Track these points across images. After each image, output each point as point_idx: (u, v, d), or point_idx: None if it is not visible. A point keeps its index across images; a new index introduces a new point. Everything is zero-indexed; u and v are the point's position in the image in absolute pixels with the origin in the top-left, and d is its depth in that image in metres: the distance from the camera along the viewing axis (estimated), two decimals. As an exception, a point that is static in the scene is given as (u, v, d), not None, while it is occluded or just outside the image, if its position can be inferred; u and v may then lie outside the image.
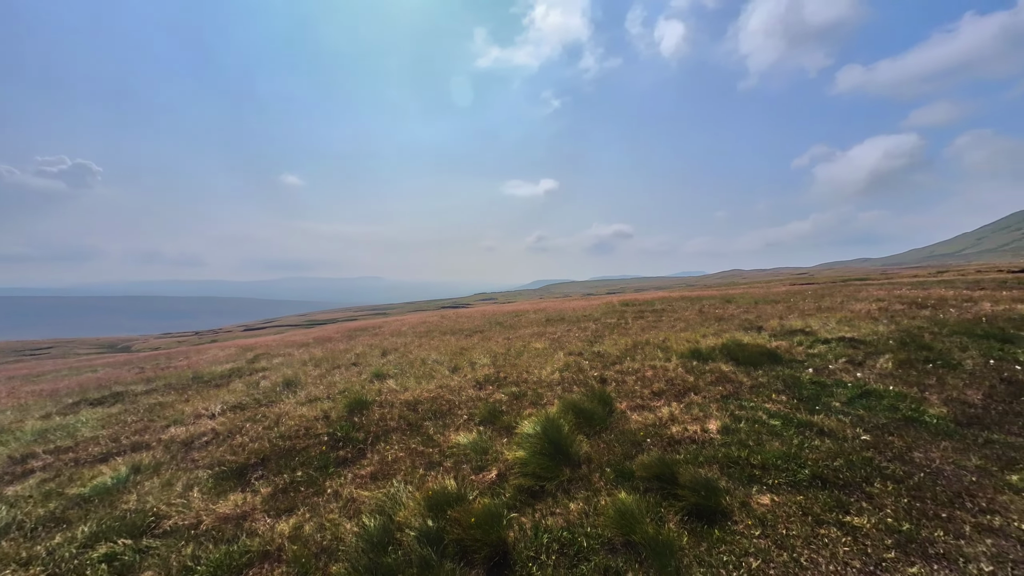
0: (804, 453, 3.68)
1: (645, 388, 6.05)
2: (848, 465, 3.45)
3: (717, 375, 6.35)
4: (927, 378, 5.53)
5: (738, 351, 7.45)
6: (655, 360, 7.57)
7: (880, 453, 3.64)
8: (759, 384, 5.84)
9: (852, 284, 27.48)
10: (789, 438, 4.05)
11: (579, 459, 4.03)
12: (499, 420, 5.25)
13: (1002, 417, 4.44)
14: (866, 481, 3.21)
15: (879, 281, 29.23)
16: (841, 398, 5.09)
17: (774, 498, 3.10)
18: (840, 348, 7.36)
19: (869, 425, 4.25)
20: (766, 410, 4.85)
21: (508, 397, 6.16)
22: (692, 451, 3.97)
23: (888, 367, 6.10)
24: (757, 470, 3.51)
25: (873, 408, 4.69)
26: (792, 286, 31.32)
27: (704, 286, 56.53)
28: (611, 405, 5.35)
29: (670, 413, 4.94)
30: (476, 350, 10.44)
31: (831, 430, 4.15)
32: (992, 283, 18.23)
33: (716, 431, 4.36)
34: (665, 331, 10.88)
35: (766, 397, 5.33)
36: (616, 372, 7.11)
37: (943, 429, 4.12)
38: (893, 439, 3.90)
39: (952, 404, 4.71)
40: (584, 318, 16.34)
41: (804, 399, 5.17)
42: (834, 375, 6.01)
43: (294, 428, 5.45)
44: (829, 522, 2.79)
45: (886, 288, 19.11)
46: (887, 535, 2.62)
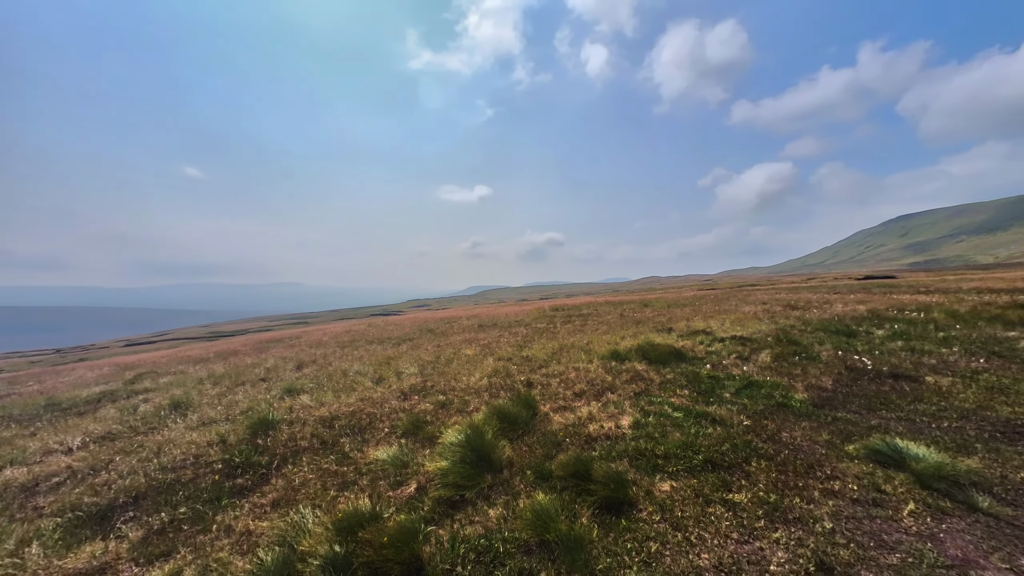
0: (699, 441, 4.11)
1: (568, 389, 6.30)
2: (733, 448, 3.92)
3: (632, 374, 6.85)
4: (795, 369, 6.54)
5: (651, 351, 8.12)
6: (579, 362, 7.94)
7: (757, 436, 4.20)
8: (667, 381, 6.42)
9: (745, 289, 31.64)
10: (688, 428, 4.50)
11: (501, 464, 4.05)
12: (423, 431, 5.08)
13: (846, 398, 5.42)
14: (745, 461, 3.68)
15: (765, 287, 34.03)
16: (730, 389, 5.80)
17: (673, 484, 3.41)
18: (732, 345, 8.40)
19: (750, 412, 4.89)
20: (671, 404, 5.34)
21: (434, 406, 6.00)
22: (606, 447, 4.22)
23: (767, 361, 7.10)
24: (660, 460, 3.83)
25: (754, 397, 5.42)
26: (699, 291, 35.19)
27: (627, 291, 60.94)
28: (535, 408, 5.49)
29: (589, 412, 5.21)
30: (404, 359, 10.05)
31: (721, 418, 4.69)
32: (845, 288, 22.25)
33: (628, 426, 4.69)
34: (589, 334, 11.50)
35: (672, 392, 5.87)
36: (542, 375, 7.32)
37: (804, 411, 4.90)
38: (767, 423, 4.53)
39: (811, 390, 5.62)
40: (516, 323, 16.63)
41: (702, 392, 5.80)
42: (726, 369, 6.84)
43: (180, 458, 4.72)
44: (716, 501, 3.14)
45: (769, 293, 22.35)
46: (759, 507, 3.03)
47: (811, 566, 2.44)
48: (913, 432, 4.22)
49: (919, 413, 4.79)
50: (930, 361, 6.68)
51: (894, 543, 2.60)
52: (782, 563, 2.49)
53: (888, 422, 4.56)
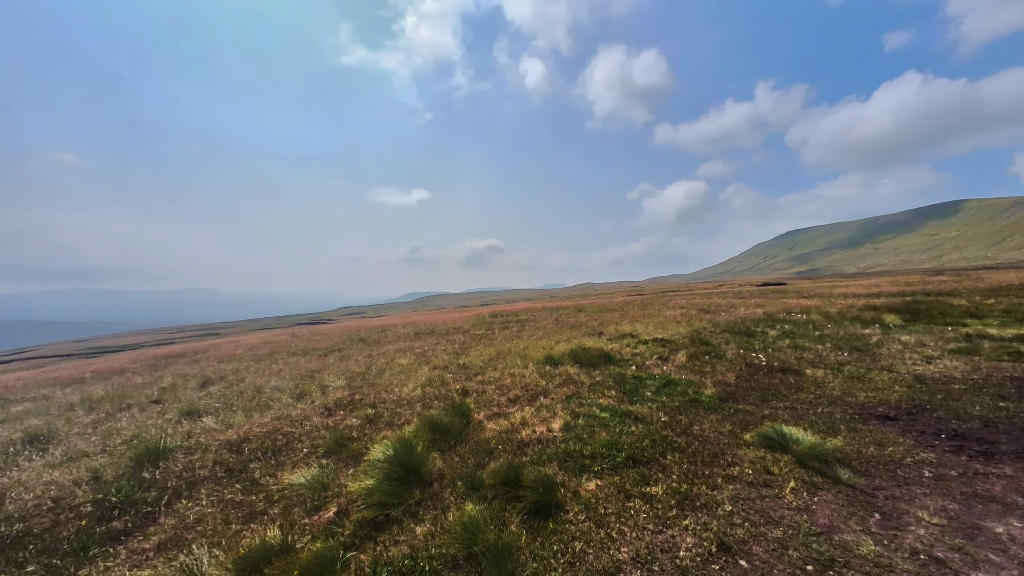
0: (623, 439, 4.36)
1: (503, 396, 6.32)
2: (652, 444, 4.22)
3: (565, 377, 7.08)
4: (705, 367, 7.25)
5: (583, 355, 8.48)
6: (515, 368, 8.02)
7: (673, 430, 4.56)
8: (596, 383, 6.73)
9: (667, 295, 34.52)
10: (614, 428, 4.74)
11: (431, 478, 3.92)
12: (347, 448, 4.75)
13: (746, 391, 6.12)
14: (662, 455, 3.97)
15: (684, 293, 37.45)
16: (652, 388, 6.26)
17: (598, 483, 3.56)
18: (654, 347, 9.09)
19: (668, 409, 5.31)
20: (599, 405, 5.60)
21: (361, 421, 5.65)
22: (537, 451, 4.29)
23: (683, 360, 7.78)
24: (588, 460, 3.99)
25: (671, 394, 5.90)
26: (628, 297, 37.70)
27: (563, 297, 63.21)
28: (469, 417, 5.42)
29: (522, 418, 5.27)
30: (330, 371, 9.37)
31: (643, 416, 5.03)
32: (747, 293, 25.27)
33: (559, 429, 4.83)
34: (526, 340, 11.70)
35: (600, 393, 6.17)
36: (478, 383, 7.27)
37: (712, 405, 5.43)
38: (682, 418, 4.95)
39: (718, 385, 6.26)
40: (454, 330, 16.39)
41: (627, 392, 6.17)
42: (649, 370, 7.36)
43: (33, 504, 3.88)
44: (635, 495, 3.34)
45: (687, 298, 24.66)
46: (672, 497, 3.28)
47: (713, 547, 2.69)
48: (795, 418, 4.88)
49: (800, 401, 5.56)
50: (809, 356, 7.82)
51: (779, 518, 2.97)
52: (690, 548, 2.71)
53: (777, 411, 5.23)
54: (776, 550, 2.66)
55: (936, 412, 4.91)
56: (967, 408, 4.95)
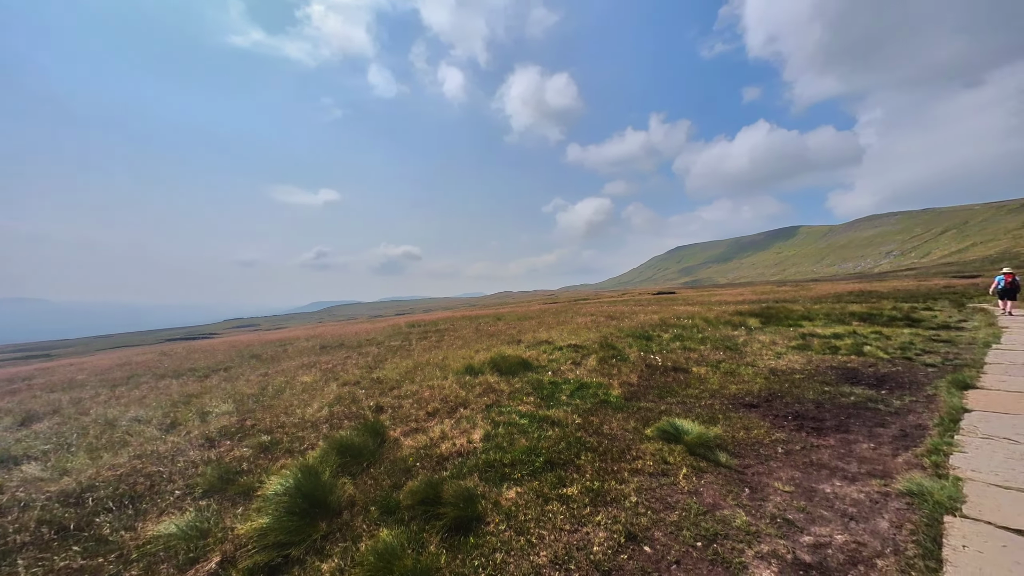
0: (541, 444, 4.50)
1: (421, 410, 6.09)
2: (567, 446, 4.43)
3: (485, 387, 7.09)
4: (612, 369, 7.90)
5: (502, 363, 8.59)
6: (434, 380, 7.79)
7: (586, 431, 4.86)
8: (515, 390, 6.87)
9: (579, 303, 36.93)
10: (533, 433, 4.88)
11: (341, 506, 3.58)
12: (235, 484, 4.10)
13: (646, 390, 6.80)
14: (577, 456, 4.19)
15: (593, 301, 40.44)
16: (567, 392, 6.60)
17: (518, 490, 3.62)
18: (568, 353, 9.62)
19: (581, 411, 5.65)
20: (519, 412, 5.72)
21: (254, 450, 4.94)
22: (458, 464, 4.20)
23: (594, 364, 8.37)
24: (508, 468, 4.03)
25: (584, 397, 6.29)
26: (544, 305, 39.46)
27: (483, 306, 63.60)
28: (384, 434, 5.10)
29: (442, 431, 5.12)
30: (213, 395, 8.04)
31: (559, 420, 5.26)
32: (646, 301, 28.26)
33: (480, 440, 4.80)
34: (445, 350, 11.47)
35: (520, 400, 6.31)
36: (394, 397, 6.90)
37: (619, 405, 5.93)
38: (593, 419, 5.31)
39: (624, 386, 6.86)
40: (367, 342, 15.36)
41: (544, 397, 6.41)
42: (564, 374, 7.76)
43: None
44: (553, 498, 3.46)
45: (596, 306, 26.71)
46: (586, 495, 3.47)
47: (622, 538, 2.91)
48: (685, 411, 5.58)
49: (689, 396, 6.36)
50: (694, 356, 9.03)
51: (674, 503, 3.34)
52: (602, 542, 2.89)
53: (671, 406, 5.91)
54: (673, 532, 2.98)
55: (785, 398, 6.03)
56: (805, 393, 6.17)
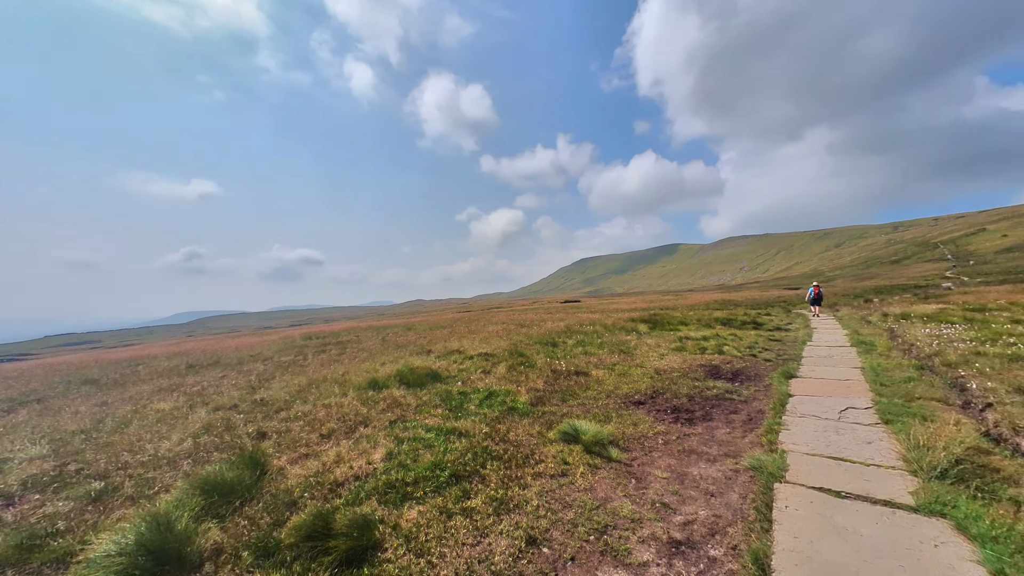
0: (447, 457, 4.39)
1: (314, 432, 5.49)
2: (474, 457, 4.40)
3: (390, 401, 6.70)
4: (521, 376, 8.13)
5: (410, 375, 8.23)
6: (331, 397, 7.11)
7: (493, 440, 4.89)
8: (423, 403, 6.63)
9: (492, 311, 37.45)
10: (439, 447, 4.74)
11: (202, 556, 3.01)
12: (43, 551, 3.16)
13: (551, 394, 7.13)
14: (483, 466, 4.19)
15: (506, 309, 41.39)
16: (475, 401, 6.58)
17: (420, 509, 3.46)
18: (479, 361, 9.64)
19: (489, 419, 5.67)
20: (425, 426, 5.51)
21: (77, 503, 3.89)
22: (354, 489, 3.86)
23: (503, 372, 8.52)
24: (411, 487, 3.83)
25: (492, 405, 6.34)
26: (457, 314, 39.12)
27: (393, 315, 60.58)
28: (265, 465, 4.45)
29: (337, 454, 4.68)
30: (19, 434, 6.17)
31: (466, 431, 5.21)
32: (554, 309, 29.84)
33: (381, 459, 4.49)
34: (347, 364, 10.59)
35: (427, 413, 6.09)
36: (282, 421, 6.11)
37: (526, 411, 6.11)
38: (501, 426, 5.37)
39: (531, 392, 7.10)
40: (251, 359, 13.41)
41: (453, 408, 6.30)
42: (473, 384, 7.74)
43: None
44: (457, 512, 3.39)
45: (508, 314, 27.38)
46: (490, 505, 3.48)
47: (523, 543, 2.97)
48: (585, 412, 5.98)
49: (588, 398, 6.85)
50: (594, 360, 9.78)
51: (571, 501, 3.53)
52: (504, 550, 2.91)
53: (573, 408, 6.29)
54: (570, 529, 3.14)
55: (666, 394, 6.87)
56: (680, 389, 7.12)
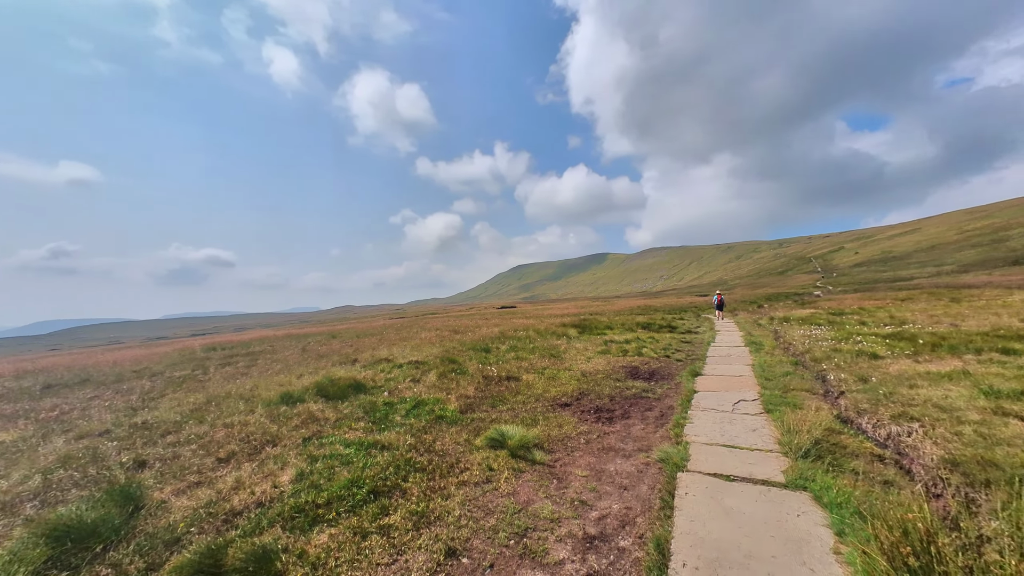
0: (366, 473, 4.14)
1: (210, 456, 4.84)
2: (396, 470, 4.21)
3: (305, 416, 6.16)
4: (451, 383, 8.00)
5: (330, 387, 7.67)
6: (234, 415, 6.35)
7: (417, 451, 4.73)
8: (343, 416, 6.20)
9: (427, 318, 36.49)
10: (358, 463, 4.45)
11: (43, 620, 2.46)
12: None
13: (482, 400, 7.11)
14: (404, 479, 4.02)
15: (441, 315, 40.61)
16: (402, 412, 6.32)
17: (332, 532, 3.21)
18: (409, 370, 9.30)
19: (415, 430, 5.48)
20: (344, 441, 5.15)
21: None
22: (254, 517, 3.46)
23: (434, 380, 8.31)
24: (322, 508, 3.54)
25: (420, 415, 6.14)
26: (389, 320, 37.43)
27: (317, 322, 56.17)
28: (141, 499, 3.81)
29: (237, 479, 4.17)
30: None
31: (390, 443, 4.97)
32: (490, 315, 29.95)
33: (289, 481, 4.10)
34: (257, 377, 9.55)
35: (347, 427, 5.71)
36: (168, 445, 5.30)
37: (454, 419, 6.01)
38: (427, 436, 5.22)
39: (461, 399, 7.01)
40: (134, 375, 11.48)
41: (377, 420, 5.98)
42: (401, 393, 7.44)
43: None
44: (373, 531, 3.20)
45: (443, 320, 26.87)
46: (409, 520, 3.34)
47: (442, 556, 2.89)
48: (513, 417, 6.06)
49: (518, 403, 6.95)
50: (526, 365, 9.98)
51: (494, 507, 3.53)
52: (421, 566, 2.81)
53: (502, 414, 6.33)
54: (490, 536, 3.14)
55: (590, 395, 7.23)
56: (603, 390, 7.54)
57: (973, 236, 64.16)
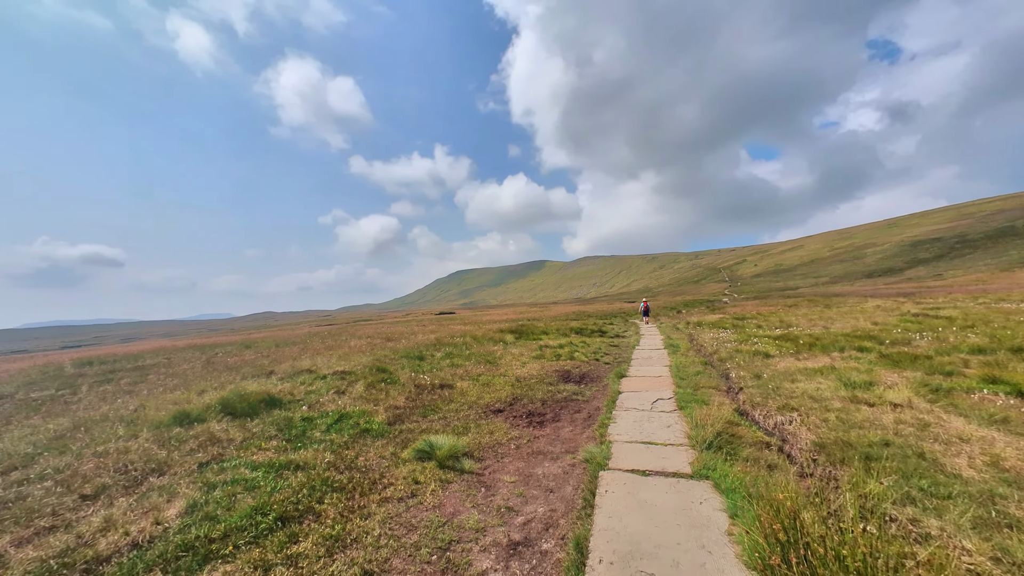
0: (275, 497, 3.74)
1: (71, 493, 4.04)
2: (310, 492, 3.86)
3: (205, 438, 5.43)
4: (380, 394, 7.60)
5: (238, 403, 6.86)
6: (110, 442, 5.40)
7: (337, 469, 4.40)
8: (252, 435, 5.58)
9: (359, 324, 34.51)
10: (266, 486, 4.01)
11: None
12: None
13: (412, 411, 6.84)
14: (319, 501, 3.70)
15: (375, 322, 38.67)
16: (322, 427, 5.85)
17: (227, 569, 2.84)
18: (333, 381, 8.67)
19: (336, 445, 5.10)
20: (251, 463, 4.62)
21: None
22: (127, 563, 2.94)
23: (361, 391, 7.83)
24: (217, 543, 3.12)
25: (343, 429, 5.74)
26: (316, 328, 34.73)
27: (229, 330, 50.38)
28: (-36, 555, 3.04)
29: (107, 518, 3.52)
30: None
31: (305, 462, 4.56)
32: (428, 321, 29.14)
33: (177, 514, 3.56)
34: (145, 395, 8.24)
35: (256, 448, 5.13)
36: (11, 484, 4.33)
37: (381, 431, 5.70)
38: (349, 452, 4.88)
39: (390, 410, 6.69)
40: (-31, 398, 9.22)
41: (293, 438, 5.46)
42: (323, 407, 6.89)
43: None
44: (277, 563, 2.89)
45: (376, 327, 25.59)
46: (322, 545, 3.08)
47: (356, 581, 2.70)
48: (445, 427, 5.91)
49: (451, 411, 6.80)
50: (460, 372, 9.84)
51: (418, 523, 3.39)
52: (332, 595, 2.59)
53: (433, 423, 6.15)
54: (412, 554, 3.00)
55: (523, 400, 7.32)
56: (536, 394, 7.68)
57: (840, 253, 77.11)
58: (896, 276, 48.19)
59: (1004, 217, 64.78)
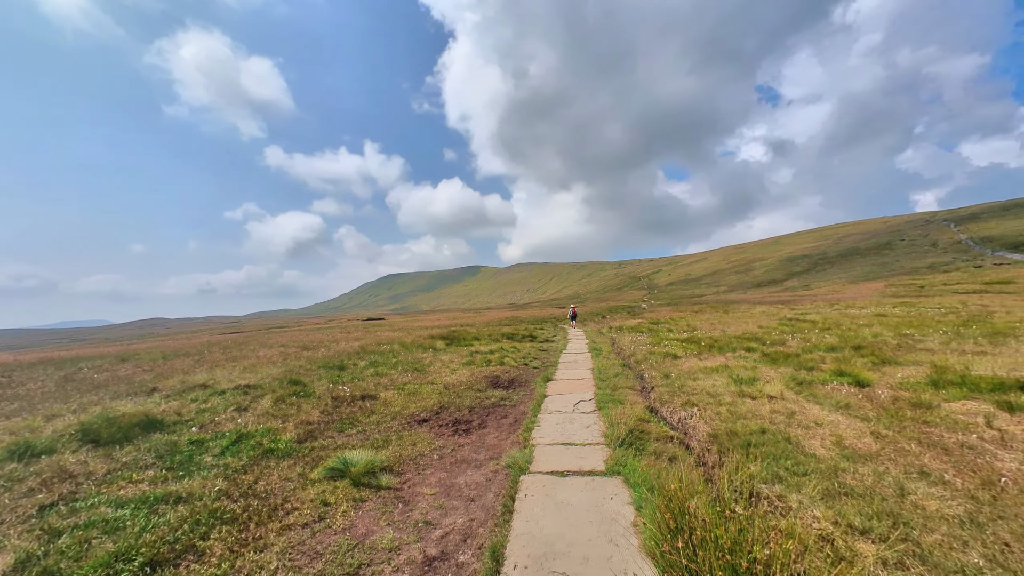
0: (144, 539, 3.18)
1: None
2: (193, 527, 3.35)
3: (51, 474, 4.45)
4: (291, 409, 6.91)
5: (105, 428, 5.76)
6: (-98, 489, 4.15)
7: (230, 497, 3.88)
8: (121, 466, 4.70)
9: (271, 332, 31.21)
10: (134, 526, 3.39)
11: None
12: None
13: (327, 425, 6.32)
14: (204, 537, 3.22)
15: (292, 329, 35.30)
16: (216, 450, 5.14)
17: (69, 634, 2.32)
18: (234, 396, 7.69)
19: (231, 470, 4.51)
20: (116, 500, 3.88)
21: None
22: (-86, 647, 2.26)
23: (267, 406, 7.05)
24: (58, 603, 2.55)
25: (241, 451, 5.09)
26: (218, 336, 30.66)
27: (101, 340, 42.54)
28: None
29: None
30: None
31: (190, 493, 3.96)
32: (352, 327, 27.35)
33: (1, 575, 2.84)
34: (-34, 425, 6.52)
35: (125, 481, 4.33)
36: None
37: (288, 450, 5.17)
38: (246, 476, 4.34)
39: (300, 426, 6.11)
40: None
41: (175, 465, 4.71)
42: (219, 427, 6.06)
43: None
44: (141, 617, 2.44)
45: (292, 335, 23.35)
46: (204, 589, 2.67)
47: (244, 626, 2.38)
48: (363, 441, 5.55)
49: (371, 423, 6.42)
50: (385, 381, 9.36)
51: (324, 549, 3.12)
52: (211, 646, 2.25)
53: (351, 438, 5.74)
54: (313, 585, 2.74)
55: (450, 408, 7.17)
56: (464, 401, 7.58)
57: (736, 265, 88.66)
58: (777, 286, 56.70)
59: (852, 240, 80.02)
